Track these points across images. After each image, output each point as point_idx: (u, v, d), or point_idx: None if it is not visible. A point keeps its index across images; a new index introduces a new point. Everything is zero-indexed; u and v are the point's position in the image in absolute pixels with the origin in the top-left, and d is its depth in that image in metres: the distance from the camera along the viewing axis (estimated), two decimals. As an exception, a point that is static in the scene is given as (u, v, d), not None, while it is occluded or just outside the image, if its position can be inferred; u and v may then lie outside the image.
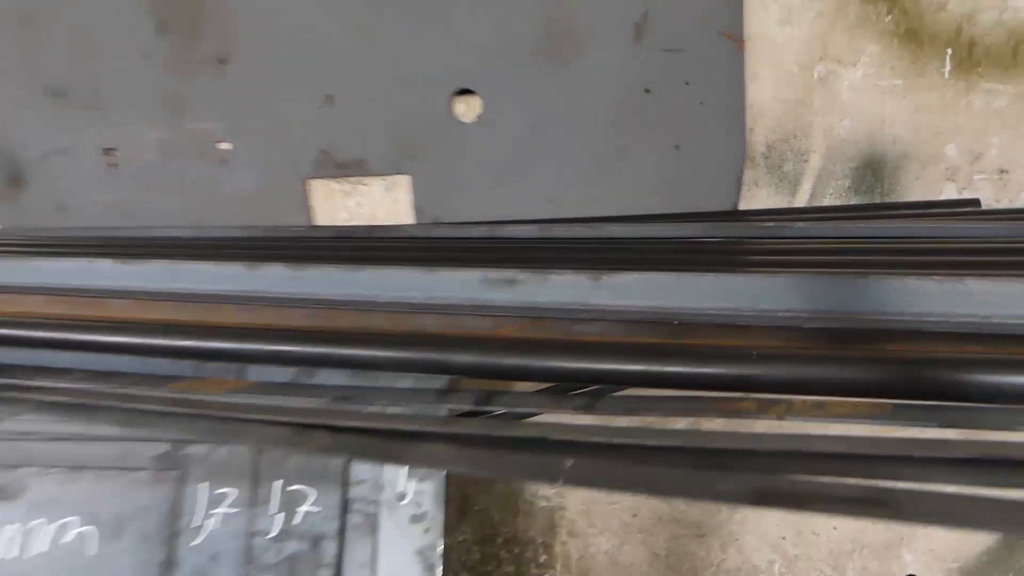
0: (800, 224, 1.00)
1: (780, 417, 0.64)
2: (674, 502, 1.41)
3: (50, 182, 1.64)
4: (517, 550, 1.54)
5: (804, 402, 0.66)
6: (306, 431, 0.74)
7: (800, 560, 1.39)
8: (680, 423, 0.67)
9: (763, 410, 0.66)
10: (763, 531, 1.39)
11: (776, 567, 1.40)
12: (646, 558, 1.46)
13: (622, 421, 0.81)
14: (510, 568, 1.55)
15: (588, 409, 0.72)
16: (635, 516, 1.43)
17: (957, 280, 0.71)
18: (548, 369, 0.78)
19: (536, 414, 0.74)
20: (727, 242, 1.00)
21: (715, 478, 0.56)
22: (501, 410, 0.76)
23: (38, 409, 0.86)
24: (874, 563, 1.36)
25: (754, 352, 0.69)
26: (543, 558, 1.53)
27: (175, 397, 0.84)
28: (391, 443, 0.68)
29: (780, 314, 0.75)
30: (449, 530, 1.57)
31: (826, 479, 0.56)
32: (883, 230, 0.99)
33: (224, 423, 0.77)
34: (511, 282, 0.85)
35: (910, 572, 1.35)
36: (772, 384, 0.67)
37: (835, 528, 1.36)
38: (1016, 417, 0.60)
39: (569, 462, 0.61)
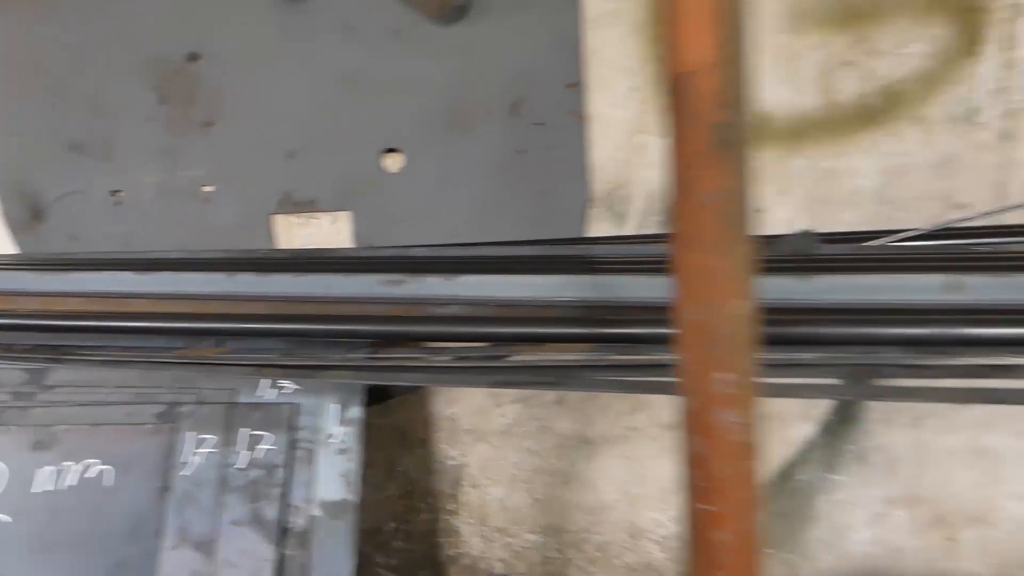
0: (593, 246, 1.49)
1: (532, 352, 1.11)
2: (548, 458, 1.87)
3: (65, 217, 2.05)
4: (431, 500, 1.99)
5: (553, 346, 1.14)
6: (265, 368, 1.20)
7: (640, 498, 1.85)
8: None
9: (529, 349, 1.13)
10: (612, 477, 1.85)
11: (622, 504, 1.86)
12: (528, 502, 1.92)
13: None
14: (427, 516, 2.00)
15: (436, 354, 1.19)
16: (519, 469, 1.89)
17: (655, 277, 1.20)
18: (418, 333, 1.26)
19: (406, 357, 1.20)
20: (553, 257, 1.49)
21: (482, 376, 1.04)
22: (386, 355, 1.23)
23: (89, 365, 1.30)
24: (688, 497, 1.83)
25: (535, 318, 1.18)
26: (452, 506, 1.98)
27: (183, 354, 1.30)
28: (317, 369, 1.15)
29: (556, 299, 1.23)
30: (378, 488, 1.99)
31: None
32: (657, 250, 1.48)
33: (214, 367, 1.23)
34: (399, 282, 1.32)
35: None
36: (536, 336, 1.14)
37: (665, 474, 1.83)
38: (656, 349, 1.07)
39: (419, 373, 1.08)
